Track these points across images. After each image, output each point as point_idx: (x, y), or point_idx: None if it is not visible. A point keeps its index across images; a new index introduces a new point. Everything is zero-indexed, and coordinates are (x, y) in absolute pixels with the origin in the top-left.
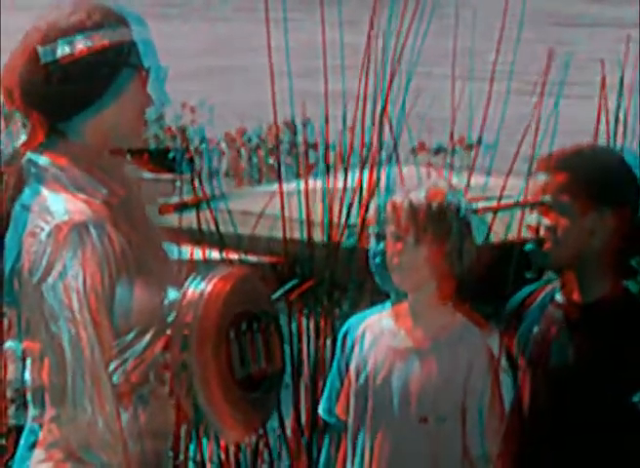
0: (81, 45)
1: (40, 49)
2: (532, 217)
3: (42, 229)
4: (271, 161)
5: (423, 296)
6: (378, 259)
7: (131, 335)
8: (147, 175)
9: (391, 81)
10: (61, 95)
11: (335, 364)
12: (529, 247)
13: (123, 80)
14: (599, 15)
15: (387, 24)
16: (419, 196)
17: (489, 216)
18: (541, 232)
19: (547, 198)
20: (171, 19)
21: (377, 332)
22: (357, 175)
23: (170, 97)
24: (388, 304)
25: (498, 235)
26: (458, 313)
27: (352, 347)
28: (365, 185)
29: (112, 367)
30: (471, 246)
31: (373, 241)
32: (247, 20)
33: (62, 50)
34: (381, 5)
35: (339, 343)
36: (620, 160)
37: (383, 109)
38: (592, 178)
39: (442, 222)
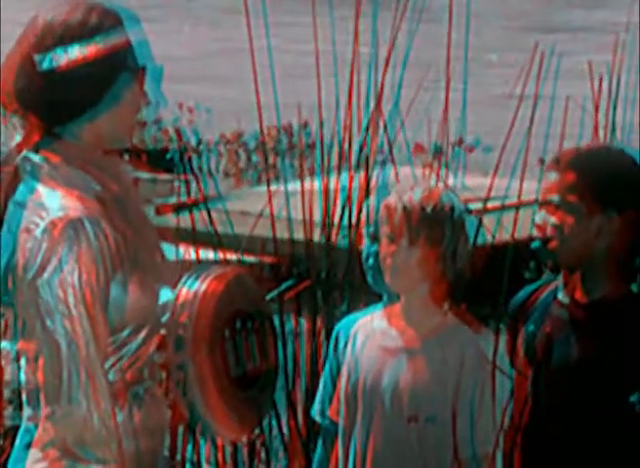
0: (78, 52)
1: (36, 56)
2: (539, 216)
3: (37, 225)
4: (270, 162)
5: (416, 298)
6: (371, 260)
7: (126, 332)
8: (145, 175)
9: (383, 82)
10: (58, 101)
11: (327, 365)
12: (535, 244)
13: (120, 84)
14: (588, 19)
15: (384, 26)
16: (413, 198)
17: (484, 217)
18: (549, 230)
19: (555, 197)
20: (165, 21)
21: (368, 333)
22: (354, 175)
23: (167, 97)
24: (380, 305)
25: (493, 235)
26: (449, 314)
27: (344, 348)
28: (361, 186)
29: (108, 364)
30: (465, 248)
31: (366, 241)
32: (242, 24)
33: (59, 58)
34: (378, 7)
35: (330, 344)
36: (631, 162)
37: (377, 110)
38: (601, 181)
39: (436, 225)
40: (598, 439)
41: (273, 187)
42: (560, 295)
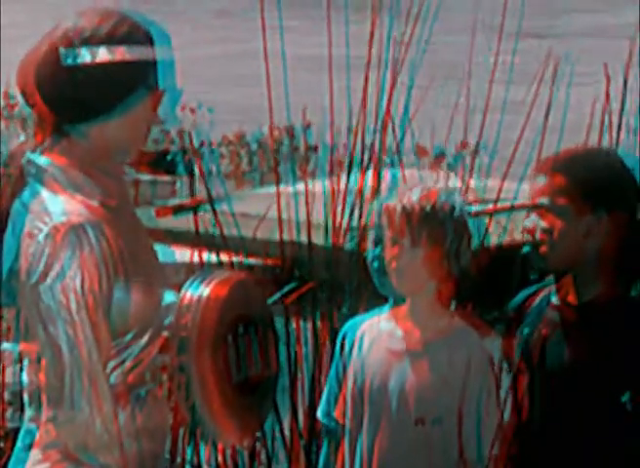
0: (102, 56)
1: (62, 50)
2: (529, 220)
3: (40, 230)
4: (272, 163)
5: (422, 299)
6: (376, 264)
7: (129, 336)
8: (146, 176)
9: (393, 83)
10: (72, 99)
11: (333, 367)
12: (526, 249)
13: (135, 98)
14: (599, 22)
15: (389, 28)
16: (412, 198)
17: (488, 219)
18: (538, 234)
19: (544, 200)
20: (165, 24)
21: (375, 335)
22: (359, 177)
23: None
24: (387, 307)
25: (499, 238)
26: (456, 316)
27: (350, 350)
28: (366, 188)
29: (110, 367)
30: (468, 247)
31: (370, 245)
32: (251, 25)
33: (84, 56)
34: (384, 10)
35: (337, 346)
36: (619, 163)
37: (386, 112)
38: (590, 181)
39: (437, 224)
40: (591, 438)
41: (275, 189)
42: (553, 298)
